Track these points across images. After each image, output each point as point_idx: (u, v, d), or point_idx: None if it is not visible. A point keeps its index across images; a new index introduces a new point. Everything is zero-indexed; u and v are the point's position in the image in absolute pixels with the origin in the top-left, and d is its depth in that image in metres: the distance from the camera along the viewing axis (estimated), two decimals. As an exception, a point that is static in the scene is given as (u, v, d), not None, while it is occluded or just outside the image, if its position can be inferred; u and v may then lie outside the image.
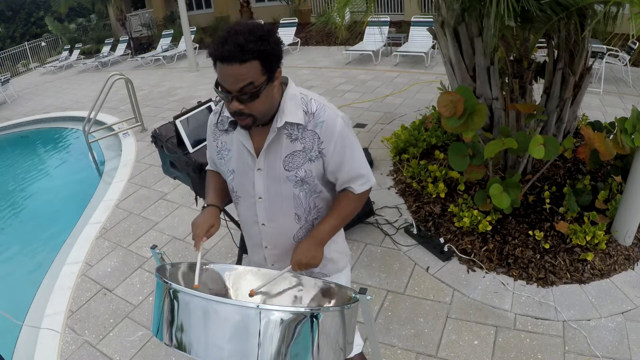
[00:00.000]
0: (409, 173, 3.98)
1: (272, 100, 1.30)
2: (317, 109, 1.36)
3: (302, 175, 1.39)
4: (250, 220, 1.53)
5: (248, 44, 1.14)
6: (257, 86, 1.20)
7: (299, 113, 1.34)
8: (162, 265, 1.41)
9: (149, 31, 17.37)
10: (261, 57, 1.17)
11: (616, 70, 7.09)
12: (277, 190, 1.42)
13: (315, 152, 1.37)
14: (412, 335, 2.54)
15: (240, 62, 1.15)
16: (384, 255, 3.23)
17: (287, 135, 1.36)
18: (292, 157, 1.37)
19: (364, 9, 4.04)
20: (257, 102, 1.23)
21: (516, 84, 3.56)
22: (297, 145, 1.36)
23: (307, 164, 1.38)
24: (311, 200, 1.46)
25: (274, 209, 1.46)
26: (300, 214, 1.47)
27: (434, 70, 8.09)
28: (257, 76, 1.19)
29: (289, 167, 1.38)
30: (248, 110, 1.25)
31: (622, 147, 2.78)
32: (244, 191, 1.48)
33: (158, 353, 2.59)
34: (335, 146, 1.36)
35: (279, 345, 1.08)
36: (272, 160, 1.39)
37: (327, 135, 1.35)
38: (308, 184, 1.41)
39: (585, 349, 2.35)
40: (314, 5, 14.31)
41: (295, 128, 1.35)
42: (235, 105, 1.23)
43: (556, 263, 2.89)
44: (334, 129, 1.35)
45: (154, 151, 5.45)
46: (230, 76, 1.18)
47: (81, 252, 3.73)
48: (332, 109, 1.38)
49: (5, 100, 11.74)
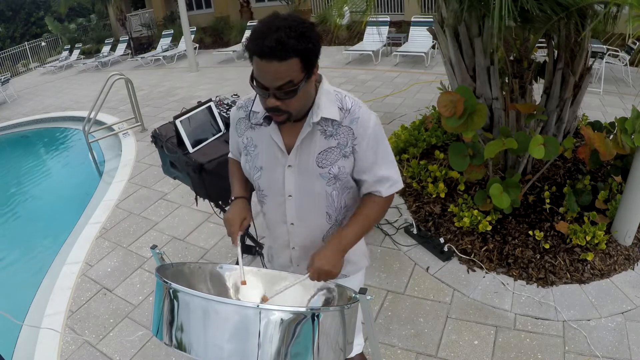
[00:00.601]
0: (409, 173, 3.98)
1: (308, 97, 1.28)
2: (353, 105, 1.34)
3: (335, 172, 1.36)
4: (279, 220, 1.49)
5: (289, 40, 1.09)
6: (296, 84, 1.16)
7: (334, 109, 1.32)
8: (162, 265, 1.41)
9: (149, 31, 17.37)
10: (302, 54, 1.13)
11: (616, 70, 7.09)
12: (308, 187, 1.39)
13: (350, 148, 1.35)
14: (412, 335, 2.54)
15: (280, 60, 1.11)
16: (384, 255, 3.23)
17: (321, 132, 1.33)
18: (326, 154, 1.35)
19: (364, 8, 4.03)
20: (295, 99, 1.20)
21: (516, 84, 3.56)
22: (331, 141, 1.34)
23: (341, 160, 1.36)
24: (342, 198, 1.44)
25: (304, 208, 1.43)
26: (331, 213, 1.45)
27: (434, 70, 8.09)
28: (296, 74, 1.15)
29: (323, 164, 1.35)
30: (285, 107, 1.21)
31: (622, 147, 2.78)
32: (272, 189, 1.44)
33: (158, 353, 2.59)
34: (369, 143, 1.35)
35: (279, 345, 1.08)
36: (305, 156, 1.35)
37: (361, 132, 1.33)
38: (341, 180, 1.39)
39: (585, 349, 2.35)
40: (314, 5, 14.31)
41: (330, 124, 1.33)
42: (272, 101, 1.19)
43: (556, 263, 2.89)
44: (368, 126, 1.34)
45: (154, 151, 5.45)
46: (269, 73, 1.13)
47: (81, 252, 3.73)
48: (366, 108, 1.37)
49: (5, 100, 11.74)
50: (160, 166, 3.08)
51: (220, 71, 10.68)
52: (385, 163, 1.40)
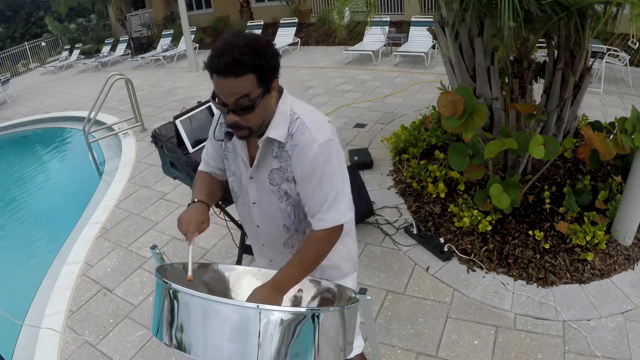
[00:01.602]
0: (409, 173, 3.98)
1: (268, 112, 1.29)
2: (297, 130, 1.30)
3: (285, 189, 1.39)
4: (248, 221, 1.57)
5: (243, 57, 1.14)
6: (253, 99, 1.20)
7: (282, 130, 1.31)
8: (162, 265, 1.41)
9: (149, 31, 17.37)
10: (257, 70, 1.17)
11: (616, 70, 7.09)
12: (266, 199, 1.44)
13: (290, 174, 1.35)
14: (412, 335, 2.54)
15: (235, 76, 1.15)
16: (384, 255, 3.23)
17: (270, 151, 1.36)
18: (274, 174, 1.38)
19: (365, 9, 4.03)
20: (253, 114, 1.23)
21: (516, 84, 3.56)
22: (276, 162, 1.36)
23: (285, 183, 1.37)
24: (300, 213, 1.45)
25: (265, 216, 1.49)
26: (288, 225, 1.48)
27: (434, 70, 8.09)
28: (252, 89, 1.19)
29: (273, 182, 1.39)
30: (244, 123, 1.24)
31: (622, 147, 2.78)
32: (241, 194, 1.51)
33: (158, 353, 2.59)
34: (302, 173, 1.31)
35: (278, 345, 1.08)
36: (262, 172, 1.40)
37: (297, 160, 1.31)
38: (292, 197, 1.40)
39: (585, 349, 2.35)
40: (314, 5, 14.31)
41: (276, 145, 1.34)
42: (231, 117, 1.23)
43: (556, 263, 2.89)
44: (306, 155, 1.29)
45: (154, 151, 5.46)
46: (226, 89, 1.18)
47: (81, 252, 3.73)
48: (312, 134, 1.29)
49: (5, 100, 11.74)
50: (160, 166, 3.08)
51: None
52: (318, 196, 1.32)
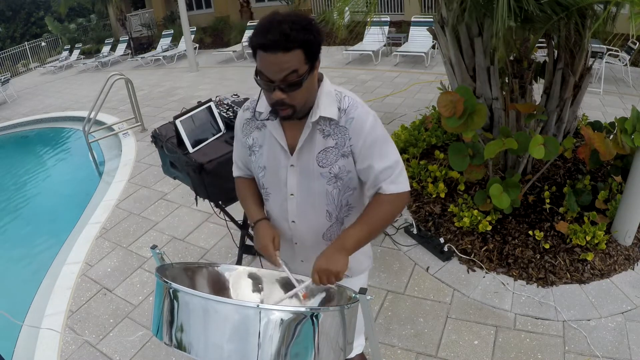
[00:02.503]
0: (408, 173, 3.98)
1: (312, 91, 1.30)
2: (349, 105, 1.35)
3: (336, 171, 1.38)
4: (281, 217, 1.51)
5: (292, 32, 1.13)
6: (301, 75, 1.19)
7: (333, 108, 1.33)
8: (162, 265, 1.41)
9: (149, 31, 17.37)
10: (305, 46, 1.17)
11: (616, 70, 7.09)
12: (309, 186, 1.41)
13: (348, 149, 1.35)
14: (412, 335, 2.54)
15: (284, 51, 1.14)
16: (384, 255, 3.23)
17: (320, 131, 1.35)
18: (325, 154, 1.36)
19: (365, 9, 4.03)
20: (300, 91, 1.22)
21: (516, 84, 3.56)
22: (329, 141, 1.35)
23: (340, 160, 1.37)
24: (344, 198, 1.45)
25: (305, 206, 1.45)
26: (331, 211, 1.46)
27: (434, 70, 8.10)
28: (300, 65, 1.18)
29: (323, 164, 1.37)
30: (290, 100, 1.23)
31: (622, 147, 2.78)
32: (275, 188, 1.47)
33: (158, 353, 2.59)
34: (365, 143, 1.34)
35: (278, 345, 1.08)
36: (306, 156, 1.37)
37: (356, 132, 1.33)
38: (342, 179, 1.40)
39: (585, 349, 2.35)
40: (314, 5, 14.31)
41: (328, 124, 1.34)
42: (277, 94, 1.21)
43: (556, 263, 2.89)
44: (364, 126, 1.33)
45: (154, 151, 5.45)
46: (274, 64, 1.16)
47: (81, 252, 3.73)
48: (364, 107, 1.36)
49: (5, 100, 11.74)
50: (160, 166, 3.08)
51: (220, 71, 10.68)
52: (385, 162, 1.37)
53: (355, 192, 1.47)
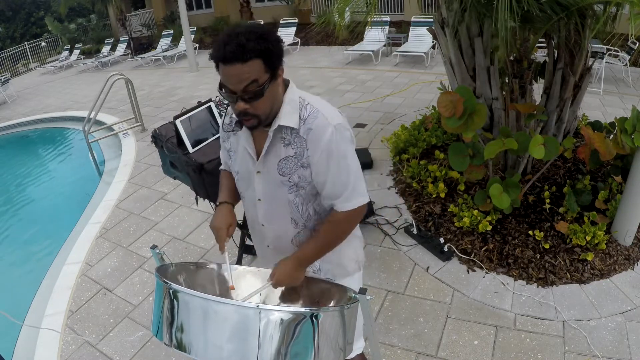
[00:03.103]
0: (409, 173, 3.98)
1: (275, 100, 1.30)
2: (309, 114, 1.32)
3: (295, 180, 1.37)
4: (253, 220, 1.56)
5: (249, 42, 1.15)
6: (261, 84, 1.20)
7: (294, 117, 1.32)
8: (162, 265, 1.41)
9: (149, 31, 17.37)
10: (262, 55, 1.18)
11: (616, 70, 7.09)
12: (274, 193, 1.42)
13: (306, 159, 1.33)
14: (412, 335, 2.54)
15: (242, 62, 1.16)
16: (384, 255, 3.23)
17: (281, 139, 1.34)
18: (285, 162, 1.35)
19: (365, 9, 4.03)
20: (262, 101, 1.23)
21: (516, 84, 3.56)
22: (289, 150, 1.34)
23: (300, 170, 1.35)
24: (309, 207, 1.44)
25: (272, 212, 1.47)
26: (297, 219, 1.46)
27: (434, 70, 8.09)
28: (260, 74, 1.19)
29: (283, 172, 1.37)
30: (253, 110, 1.24)
31: (622, 147, 2.78)
32: (246, 192, 1.50)
33: (158, 353, 2.59)
34: (320, 156, 1.31)
35: (278, 345, 1.08)
36: (270, 163, 1.38)
37: (314, 143, 1.31)
38: (304, 189, 1.39)
39: (585, 349, 2.35)
40: (314, 5, 14.31)
41: (288, 132, 1.33)
42: (240, 105, 1.22)
43: (556, 263, 2.89)
44: (321, 138, 1.30)
45: (154, 151, 5.45)
46: (234, 76, 1.18)
47: (81, 252, 3.73)
48: (325, 117, 1.31)
49: (5, 100, 11.73)
50: (160, 166, 3.08)
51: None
52: (342, 177, 1.34)
53: (319, 199, 1.44)
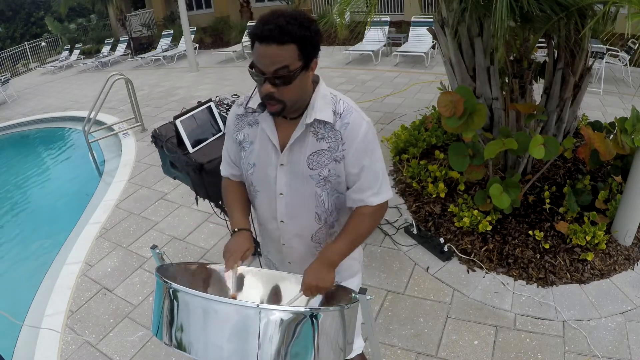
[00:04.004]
0: (409, 173, 3.98)
1: (304, 90, 1.29)
2: (345, 110, 1.35)
3: (325, 174, 1.37)
4: (270, 216, 1.50)
5: (288, 26, 1.15)
6: (292, 71, 1.19)
7: (328, 111, 1.33)
8: (162, 265, 1.41)
9: (149, 31, 17.36)
10: (299, 41, 1.17)
11: (616, 70, 7.09)
12: (299, 187, 1.40)
13: (340, 153, 1.35)
14: (412, 335, 2.54)
15: (278, 44, 1.15)
16: (384, 255, 3.23)
17: (313, 133, 1.34)
18: (317, 156, 1.35)
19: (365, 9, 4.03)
20: (290, 87, 1.22)
21: (516, 84, 3.56)
22: (322, 144, 1.35)
23: (332, 164, 1.36)
24: (333, 201, 1.44)
25: (294, 206, 1.43)
26: (320, 214, 1.45)
27: (434, 70, 8.09)
28: (293, 60, 1.18)
29: (313, 166, 1.36)
30: (279, 95, 1.23)
31: (622, 147, 2.78)
32: (264, 186, 1.45)
33: (158, 353, 2.59)
34: (357, 150, 1.34)
35: (278, 345, 1.08)
36: (297, 156, 1.36)
37: (350, 138, 1.33)
38: (331, 182, 1.39)
39: (585, 349, 2.35)
40: (314, 5, 14.31)
41: (322, 127, 1.34)
42: (267, 87, 1.21)
43: (556, 263, 2.89)
44: (358, 132, 1.33)
45: (154, 151, 5.45)
46: (267, 57, 1.17)
47: (81, 252, 3.73)
48: (359, 112, 1.36)
49: (5, 100, 11.73)
50: (160, 166, 3.08)
51: (220, 71, 10.67)
52: (373, 171, 1.39)
53: (343, 196, 1.46)
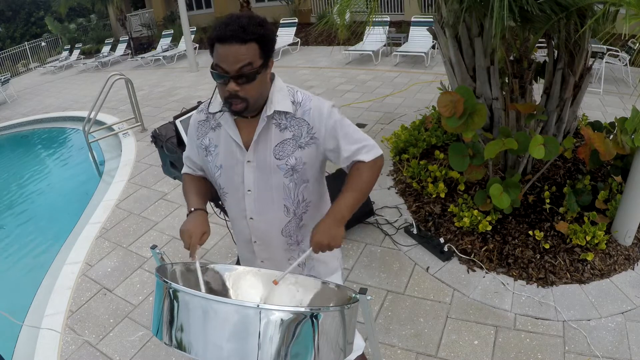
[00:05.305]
0: (409, 173, 3.98)
1: (264, 87, 1.36)
2: (303, 98, 1.43)
3: (292, 163, 1.42)
4: (239, 215, 1.54)
5: (249, 26, 1.23)
6: (255, 68, 1.26)
7: (286, 102, 1.40)
8: (162, 265, 1.41)
9: (149, 31, 17.37)
10: (260, 40, 1.25)
11: (616, 70, 7.09)
12: (266, 181, 1.44)
13: (306, 139, 1.41)
14: (412, 335, 2.54)
15: (241, 42, 1.22)
16: (384, 255, 3.23)
17: (276, 125, 1.41)
18: (282, 146, 1.41)
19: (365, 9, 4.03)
20: (253, 85, 1.28)
21: (516, 84, 3.56)
22: (286, 133, 1.41)
23: (297, 151, 1.41)
24: (300, 192, 1.47)
25: (262, 202, 1.47)
26: (289, 206, 1.48)
27: (434, 70, 8.09)
28: (255, 58, 1.25)
29: (280, 156, 1.41)
30: (243, 94, 1.28)
31: (622, 147, 2.78)
32: (231, 186, 1.49)
33: (158, 353, 2.59)
34: (327, 127, 1.41)
35: (278, 345, 1.08)
36: (262, 150, 1.42)
37: (316, 120, 1.40)
38: (298, 172, 1.44)
39: (585, 349, 2.35)
40: (314, 5, 14.31)
41: (283, 117, 1.41)
42: (232, 86, 1.26)
43: (556, 263, 2.89)
44: (322, 112, 1.41)
45: (154, 151, 5.45)
46: (231, 55, 1.23)
47: (81, 252, 3.73)
48: (318, 98, 1.44)
49: (5, 100, 11.74)
50: (160, 166, 3.08)
51: (220, 71, 10.66)
52: (353, 136, 1.45)
53: (309, 185, 1.49)
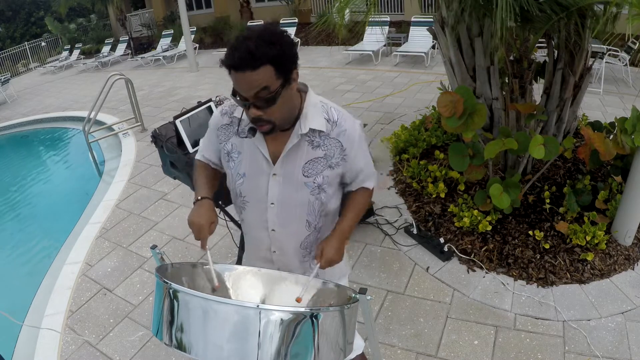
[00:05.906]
0: (409, 173, 3.98)
1: (290, 105, 1.30)
2: (339, 117, 1.40)
3: (320, 181, 1.40)
4: (260, 226, 1.50)
5: (258, 49, 1.14)
6: (273, 91, 1.19)
7: (321, 120, 1.37)
8: (162, 265, 1.41)
9: (149, 31, 17.36)
10: (273, 61, 1.16)
11: (616, 70, 7.09)
12: (292, 196, 1.41)
13: (337, 159, 1.40)
14: (412, 335, 2.54)
15: (252, 69, 1.15)
16: (384, 255, 3.23)
17: (308, 142, 1.37)
18: (312, 164, 1.39)
19: (365, 9, 4.03)
20: (275, 107, 1.23)
21: (516, 84, 3.56)
22: (318, 152, 1.38)
23: (326, 171, 1.40)
24: (323, 207, 1.47)
25: (286, 216, 1.45)
26: (311, 221, 1.47)
27: (434, 70, 8.09)
28: (271, 80, 1.18)
29: (308, 174, 1.39)
30: (267, 117, 1.24)
31: (622, 147, 2.78)
32: (254, 197, 1.45)
33: (158, 353, 2.59)
34: (357, 152, 1.43)
35: (278, 345, 1.08)
36: (291, 166, 1.38)
37: (350, 143, 1.40)
38: (324, 190, 1.42)
39: (585, 349, 2.35)
40: (314, 5, 14.31)
41: (317, 135, 1.38)
42: (253, 111, 1.22)
43: (556, 263, 2.89)
44: (355, 136, 1.41)
45: (154, 151, 5.45)
46: (244, 83, 1.18)
47: (81, 252, 3.73)
48: (349, 116, 1.44)
49: (5, 100, 11.73)
50: (160, 166, 3.08)
51: (220, 71, 10.40)
52: (368, 163, 1.52)
53: (332, 200, 1.49)
